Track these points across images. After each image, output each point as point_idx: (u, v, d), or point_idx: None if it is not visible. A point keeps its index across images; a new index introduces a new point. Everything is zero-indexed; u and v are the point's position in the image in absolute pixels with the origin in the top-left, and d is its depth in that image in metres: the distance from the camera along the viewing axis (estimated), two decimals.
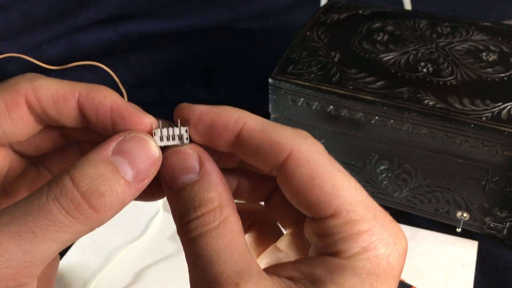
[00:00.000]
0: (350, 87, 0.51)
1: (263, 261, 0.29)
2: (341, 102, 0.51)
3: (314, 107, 0.53)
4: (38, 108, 0.24)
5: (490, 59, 0.53)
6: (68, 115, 0.25)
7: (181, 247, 0.24)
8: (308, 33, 0.59)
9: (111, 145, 0.23)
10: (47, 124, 0.26)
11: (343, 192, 0.23)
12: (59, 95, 0.24)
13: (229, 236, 0.23)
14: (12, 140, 0.25)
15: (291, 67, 0.54)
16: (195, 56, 0.91)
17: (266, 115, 0.57)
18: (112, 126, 0.24)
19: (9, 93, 0.24)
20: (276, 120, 0.56)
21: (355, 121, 0.52)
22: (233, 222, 0.23)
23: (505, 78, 0.51)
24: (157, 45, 0.93)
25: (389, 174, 0.54)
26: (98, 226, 0.22)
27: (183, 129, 0.25)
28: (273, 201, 0.29)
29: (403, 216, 0.58)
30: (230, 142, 0.24)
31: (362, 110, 0.51)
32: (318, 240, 0.24)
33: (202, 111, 0.24)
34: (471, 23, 0.60)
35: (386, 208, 0.59)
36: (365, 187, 0.57)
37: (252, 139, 0.24)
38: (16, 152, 0.28)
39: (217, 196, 0.23)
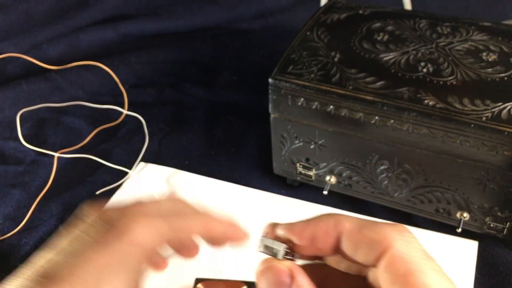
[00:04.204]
0: (350, 87, 0.51)
1: None
2: (341, 102, 0.51)
3: (314, 107, 0.53)
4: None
5: (490, 59, 0.53)
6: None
7: None
8: (308, 33, 0.59)
9: None
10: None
11: None
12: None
13: None
14: None
15: (291, 67, 0.54)
16: (195, 56, 0.91)
17: (266, 115, 0.57)
18: None
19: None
20: (276, 120, 0.56)
21: (355, 121, 0.52)
22: None
23: (505, 78, 0.51)
24: (157, 45, 0.93)
25: (389, 174, 0.54)
26: None
27: (282, 249, 0.26)
28: None
29: (403, 216, 0.58)
30: (332, 246, 0.25)
31: (362, 110, 0.51)
32: None
33: (302, 227, 0.26)
34: (471, 23, 0.60)
35: (386, 208, 0.59)
36: (365, 187, 0.57)
37: (351, 239, 0.25)
38: None
39: None
